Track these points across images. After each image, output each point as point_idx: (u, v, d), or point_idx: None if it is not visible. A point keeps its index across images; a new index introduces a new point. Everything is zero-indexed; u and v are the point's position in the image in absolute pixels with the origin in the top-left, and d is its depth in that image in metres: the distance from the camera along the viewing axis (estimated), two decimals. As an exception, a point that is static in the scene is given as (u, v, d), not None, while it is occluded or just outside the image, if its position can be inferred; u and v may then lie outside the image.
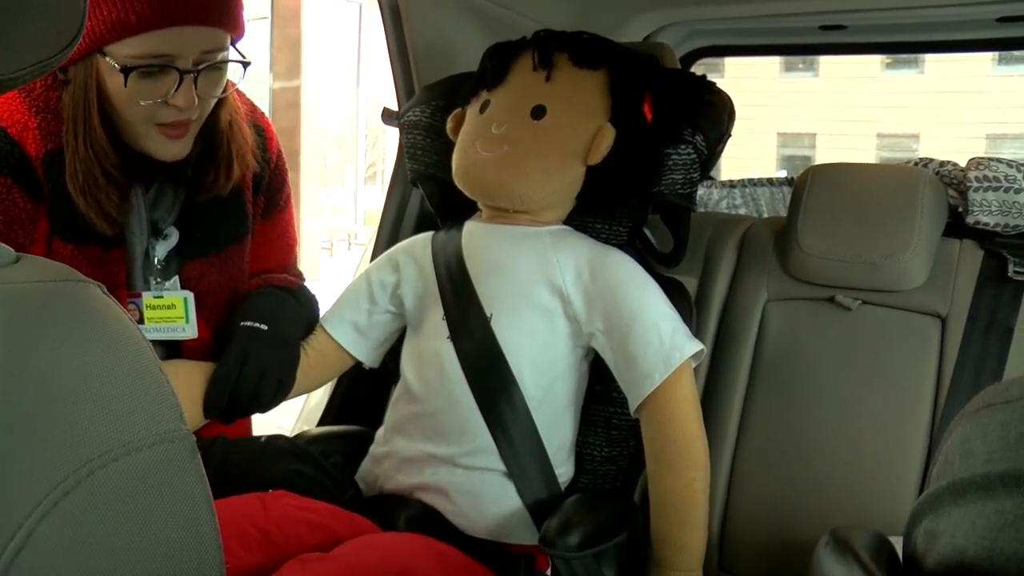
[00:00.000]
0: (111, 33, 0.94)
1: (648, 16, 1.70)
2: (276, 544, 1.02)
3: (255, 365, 1.12)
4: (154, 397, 0.46)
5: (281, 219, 1.30)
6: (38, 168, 1.01)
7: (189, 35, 0.97)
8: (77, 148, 1.00)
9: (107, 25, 0.93)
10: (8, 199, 1.00)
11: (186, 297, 1.12)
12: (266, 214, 1.26)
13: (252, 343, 1.13)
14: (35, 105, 1.01)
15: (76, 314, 0.45)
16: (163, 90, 0.98)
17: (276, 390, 1.14)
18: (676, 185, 1.17)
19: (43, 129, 1.01)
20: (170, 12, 0.94)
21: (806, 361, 1.32)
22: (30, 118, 1.01)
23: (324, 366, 1.23)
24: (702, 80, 1.21)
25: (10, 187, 1.00)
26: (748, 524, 1.31)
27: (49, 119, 1.01)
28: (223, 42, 1.02)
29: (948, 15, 1.61)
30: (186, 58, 0.98)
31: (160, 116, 1.00)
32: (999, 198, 1.32)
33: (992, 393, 0.47)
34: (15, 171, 1.00)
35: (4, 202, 1.00)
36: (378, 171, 14.17)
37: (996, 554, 0.42)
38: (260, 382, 1.12)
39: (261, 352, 1.12)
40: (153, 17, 0.93)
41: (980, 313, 1.25)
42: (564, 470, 1.16)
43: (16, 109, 1.01)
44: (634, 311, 1.10)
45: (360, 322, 1.24)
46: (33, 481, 0.41)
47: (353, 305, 1.24)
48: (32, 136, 1.01)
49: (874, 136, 15.56)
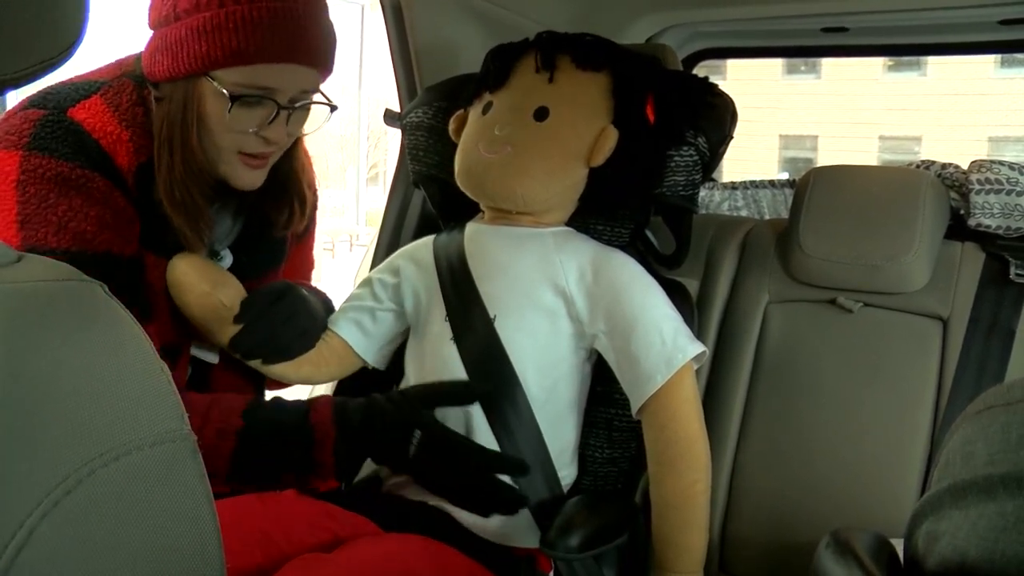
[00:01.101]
0: (227, 59, 0.97)
1: (651, 18, 1.71)
2: (277, 544, 1.02)
3: (287, 306, 1.13)
4: (156, 396, 0.46)
5: (306, 244, 1.34)
6: (129, 180, 1.02)
7: (293, 72, 1.00)
8: (173, 166, 1.02)
9: (224, 51, 0.96)
10: (111, 197, 1.01)
11: None
12: (298, 239, 1.29)
13: (289, 288, 1.15)
14: (124, 119, 1.02)
15: (78, 313, 0.46)
16: (258, 121, 1.01)
17: (299, 337, 1.15)
18: (678, 187, 1.17)
19: (135, 143, 1.03)
20: (286, 49, 0.98)
21: (807, 363, 1.32)
22: (122, 131, 1.02)
23: (333, 360, 1.22)
24: (704, 82, 1.21)
25: (111, 188, 1.01)
26: (749, 526, 1.31)
27: (139, 133, 1.03)
28: (318, 83, 1.05)
29: (950, 17, 1.61)
30: (285, 93, 1.01)
31: (248, 145, 1.03)
32: (1001, 200, 1.32)
33: (993, 395, 0.47)
34: (111, 177, 1.01)
35: (108, 200, 1.01)
36: (380, 172, 14.18)
37: (997, 556, 0.42)
38: (285, 324, 1.13)
39: (295, 298, 1.14)
40: (269, 51, 0.97)
41: (982, 315, 1.25)
42: (567, 472, 1.16)
43: (107, 122, 1.02)
44: (636, 313, 1.10)
45: (364, 322, 1.23)
46: (34, 480, 0.41)
47: (357, 305, 1.24)
48: (124, 149, 1.02)
49: (876, 138, 15.55)
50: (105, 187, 1.01)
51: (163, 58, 1.00)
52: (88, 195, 0.99)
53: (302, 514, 1.08)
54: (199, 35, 0.96)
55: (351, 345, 1.23)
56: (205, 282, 1.10)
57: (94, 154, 1.00)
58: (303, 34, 0.99)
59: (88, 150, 1.00)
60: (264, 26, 0.96)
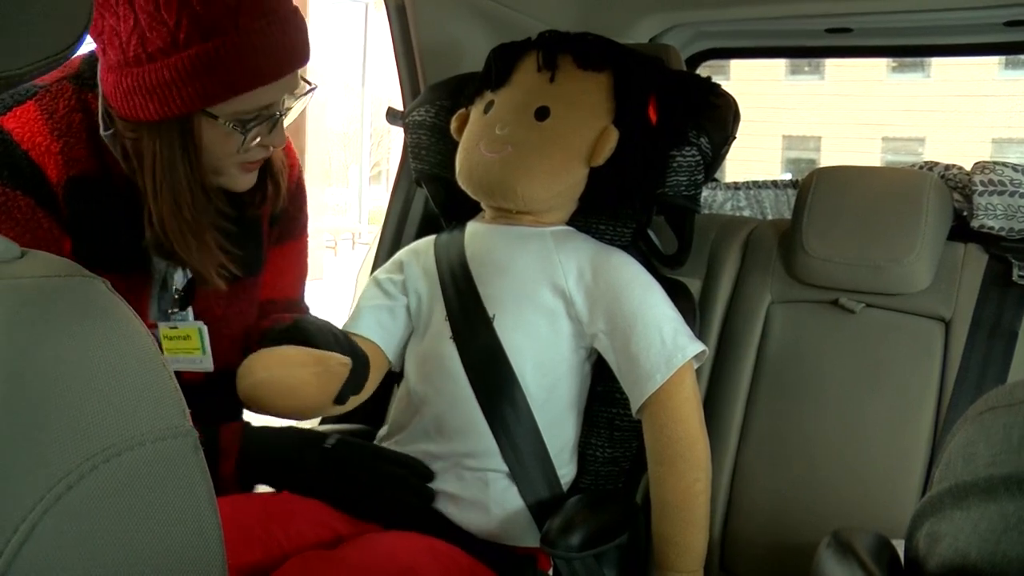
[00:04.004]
0: (225, 94, 0.94)
1: (654, 18, 1.71)
2: (278, 542, 1.02)
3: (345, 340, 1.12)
4: (158, 392, 0.46)
5: (293, 248, 1.28)
6: (58, 193, 0.99)
7: (286, 82, 0.99)
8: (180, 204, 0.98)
9: (221, 87, 0.93)
10: (32, 219, 0.98)
11: (200, 328, 1.11)
12: (279, 241, 1.24)
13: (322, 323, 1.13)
14: (57, 128, 0.98)
15: (81, 309, 0.46)
16: (260, 135, 1.00)
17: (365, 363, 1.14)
18: (680, 187, 1.17)
19: (65, 154, 0.98)
20: (278, 66, 0.96)
21: (809, 363, 1.32)
22: (52, 142, 0.98)
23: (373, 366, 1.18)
24: (707, 82, 1.21)
25: (34, 208, 0.97)
26: (750, 525, 1.31)
27: (72, 143, 0.99)
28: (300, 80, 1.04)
29: (955, 19, 1.61)
30: (280, 101, 1.00)
31: (250, 156, 1.02)
32: (1004, 202, 1.32)
33: (996, 396, 0.47)
34: (37, 194, 0.97)
35: (29, 222, 0.97)
36: (383, 170, 14.19)
37: (999, 557, 0.42)
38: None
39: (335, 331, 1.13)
40: (264, 74, 0.95)
41: (984, 317, 1.25)
42: (566, 471, 1.16)
43: (38, 131, 0.97)
44: (636, 312, 1.10)
45: (383, 320, 1.22)
46: (37, 476, 0.41)
47: (372, 305, 1.22)
48: (54, 161, 0.98)
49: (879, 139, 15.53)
50: (27, 207, 0.97)
51: (146, 102, 0.93)
52: (8, 216, 0.96)
53: (303, 512, 1.08)
54: (190, 76, 0.91)
55: (377, 344, 1.21)
56: (311, 365, 1.06)
57: (23, 167, 0.96)
58: (289, 44, 0.97)
59: (16, 162, 0.95)
60: (255, 51, 0.93)
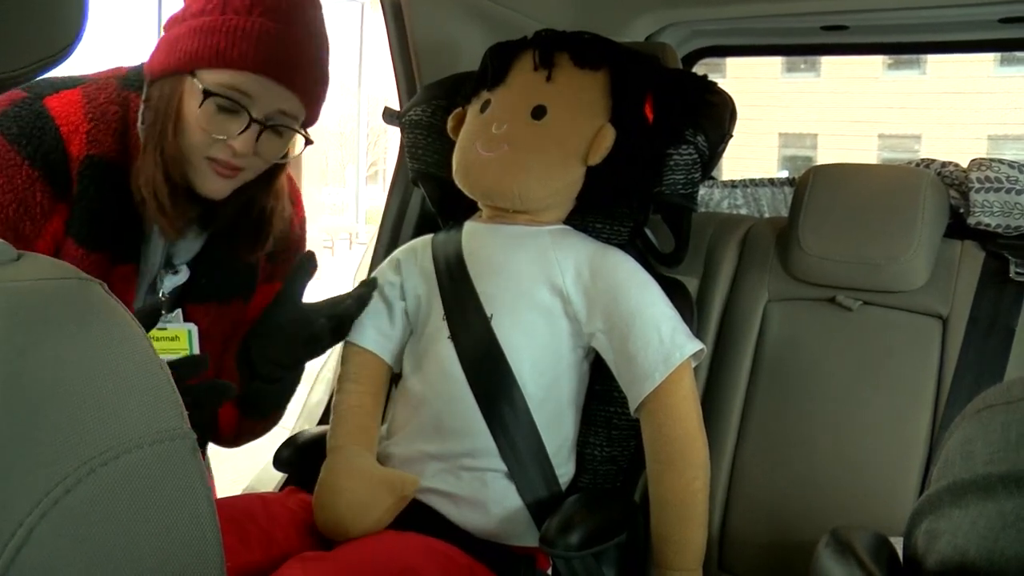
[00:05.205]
0: (210, 60, 1.01)
1: (650, 16, 1.71)
2: (277, 542, 1.02)
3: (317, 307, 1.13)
4: (155, 395, 0.46)
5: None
6: (73, 168, 1.04)
7: (272, 89, 1.03)
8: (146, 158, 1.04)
9: (210, 52, 1.01)
10: (29, 190, 1.02)
11: (190, 330, 1.11)
12: (269, 279, 1.25)
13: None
14: (92, 112, 1.05)
15: (78, 312, 0.45)
16: (230, 129, 1.03)
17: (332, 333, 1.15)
18: (677, 185, 1.17)
19: (91, 135, 1.05)
20: (267, 62, 1.01)
21: (807, 361, 1.32)
22: (84, 122, 1.05)
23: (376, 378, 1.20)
24: (703, 80, 1.21)
25: (35, 180, 1.02)
26: (748, 524, 1.31)
27: (101, 128, 1.05)
28: (297, 112, 1.07)
29: (950, 16, 1.61)
30: (261, 109, 1.03)
31: (215, 151, 1.04)
32: (1000, 199, 1.32)
33: (993, 394, 0.47)
34: (48, 167, 1.02)
35: (24, 192, 1.02)
36: (379, 170, 14.17)
37: (997, 555, 0.42)
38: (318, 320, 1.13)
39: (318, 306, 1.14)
40: (251, 59, 1.01)
41: (981, 314, 1.25)
42: (565, 470, 1.16)
43: (74, 111, 1.04)
44: (634, 311, 1.10)
45: (382, 326, 1.21)
46: (34, 479, 0.41)
47: (372, 313, 1.21)
48: (80, 139, 1.04)
49: (876, 137, 15.56)
50: (27, 178, 1.01)
51: (159, 54, 1.05)
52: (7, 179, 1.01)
53: (302, 512, 1.08)
54: (194, 35, 1.01)
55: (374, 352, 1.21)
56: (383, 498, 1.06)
57: (47, 139, 1.02)
58: (288, 55, 1.02)
59: (43, 135, 1.02)
60: (253, 37, 1.00)
